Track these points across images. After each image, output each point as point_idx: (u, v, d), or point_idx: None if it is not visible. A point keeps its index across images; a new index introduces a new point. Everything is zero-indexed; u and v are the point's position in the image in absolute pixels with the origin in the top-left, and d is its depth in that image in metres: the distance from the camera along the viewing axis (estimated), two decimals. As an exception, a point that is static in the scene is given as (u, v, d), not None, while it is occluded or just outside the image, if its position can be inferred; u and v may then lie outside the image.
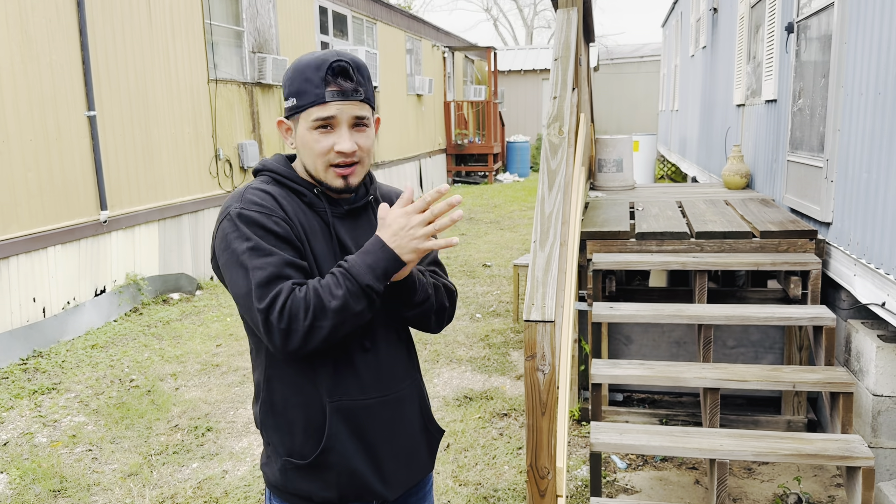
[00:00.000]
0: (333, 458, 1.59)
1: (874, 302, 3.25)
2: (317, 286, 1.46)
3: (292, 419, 1.60)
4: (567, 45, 3.39)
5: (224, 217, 1.53)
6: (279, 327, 1.42)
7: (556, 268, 2.29)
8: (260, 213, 1.50)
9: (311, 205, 1.60)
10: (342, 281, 1.46)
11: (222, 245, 1.52)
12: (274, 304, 1.43)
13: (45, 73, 5.64)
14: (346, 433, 1.59)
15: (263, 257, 1.46)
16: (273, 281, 1.45)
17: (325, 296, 1.44)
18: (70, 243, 5.89)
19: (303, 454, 1.60)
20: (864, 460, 2.82)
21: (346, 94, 1.52)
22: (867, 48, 3.45)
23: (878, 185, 3.27)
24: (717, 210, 4.88)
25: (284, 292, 1.44)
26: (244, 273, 1.46)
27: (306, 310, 1.43)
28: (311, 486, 1.61)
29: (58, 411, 4.44)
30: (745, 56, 6.62)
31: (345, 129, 1.53)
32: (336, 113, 1.52)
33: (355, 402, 1.59)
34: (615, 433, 3.13)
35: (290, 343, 1.43)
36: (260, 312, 1.43)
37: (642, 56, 24.11)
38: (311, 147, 1.55)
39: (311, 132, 1.54)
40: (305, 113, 1.53)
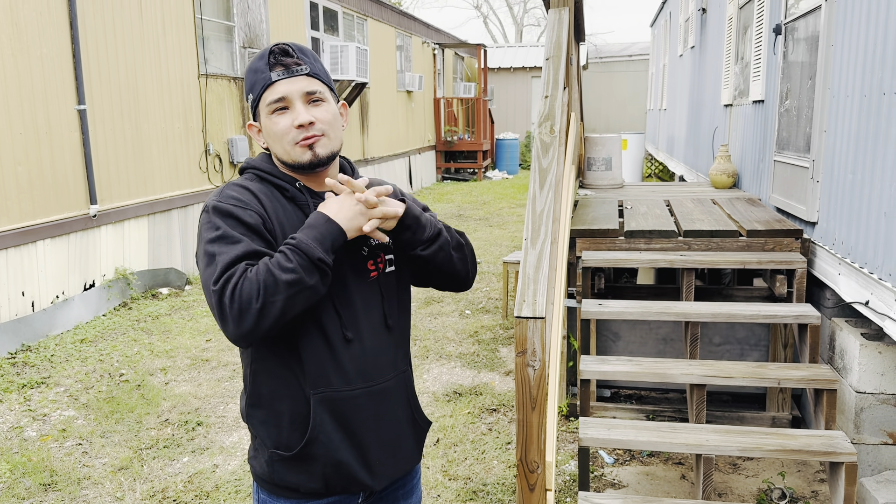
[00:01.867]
0: (318, 449, 1.60)
1: (858, 300, 3.31)
2: (267, 262, 1.46)
3: (279, 411, 1.62)
4: (559, 44, 3.42)
5: (203, 211, 1.57)
6: (232, 307, 1.42)
7: (547, 265, 2.33)
8: (233, 205, 1.53)
9: (293, 199, 1.62)
10: (292, 256, 1.47)
11: (197, 238, 1.57)
12: (226, 285, 1.44)
13: (35, 66, 5.62)
14: (330, 424, 1.61)
15: (229, 245, 1.49)
16: (233, 265, 1.46)
17: (276, 271, 1.44)
18: (59, 237, 5.88)
19: (289, 446, 1.61)
20: (847, 456, 2.88)
21: (289, 69, 1.57)
22: (854, 51, 3.50)
23: (862, 185, 3.33)
24: (705, 209, 4.94)
25: (237, 274, 1.45)
26: (207, 261, 1.49)
27: (257, 286, 1.43)
28: (298, 477, 1.62)
29: (47, 405, 4.44)
30: (733, 56, 6.69)
31: (299, 105, 1.57)
32: (285, 93, 1.56)
33: (339, 393, 1.61)
34: (603, 428, 3.18)
35: (245, 322, 1.43)
36: (214, 294, 1.44)
37: (631, 55, 24.21)
38: (274, 131, 1.58)
39: (270, 117, 1.58)
40: (262, 101, 1.59)
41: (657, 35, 16.09)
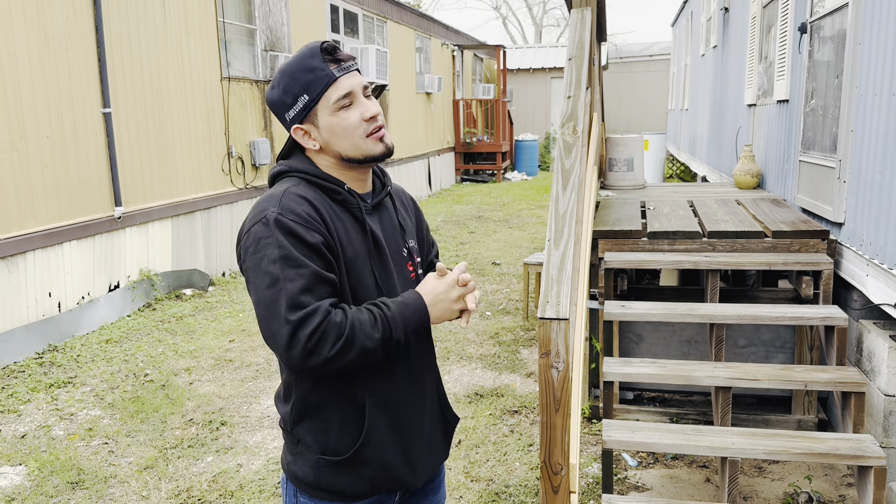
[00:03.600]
0: (370, 451, 1.61)
1: (887, 302, 3.26)
2: (354, 320, 1.48)
3: (327, 417, 1.61)
4: (581, 44, 3.41)
5: (259, 220, 1.51)
6: (306, 345, 1.43)
7: (570, 266, 2.32)
8: (296, 222, 1.49)
9: (345, 202, 1.61)
10: (380, 326, 1.50)
11: (252, 248, 1.50)
12: (307, 321, 1.44)
13: (61, 70, 5.70)
14: (384, 426, 1.62)
15: (295, 268, 1.46)
16: (304, 293, 1.45)
17: (360, 334, 1.47)
18: (85, 239, 5.95)
19: (337, 451, 1.61)
20: (876, 460, 2.84)
21: (347, 66, 1.58)
22: (882, 49, 3.45)
23: (891, 185, 3.28)
24: (729, 210, 4.89)
25: (320, 314, 1.45)
26: (271, 281, 1.46)
27: (338, 337, 1.45)
28: (345, 481, 1.62)
29: (74, 405, 4.49)
30: (756, 56, 6.62)
31: (362, 99, 1.59)
32: (351, 87, 1.57)
33: (391, 395, 1.63)
34: (627, 431, 3.16)
35: (309, 361, 1.45)
36: (288, 324, 1.43)
37: (651, 55, 24.05)
38: (344, 126, 1.57)
39: (336, 114, 1.57)
40: (323, 100, 1.56)
41: (678, 34, 15.97)
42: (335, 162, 1.63)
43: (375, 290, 1.61)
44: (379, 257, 1.63)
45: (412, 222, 1.81)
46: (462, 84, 18.87)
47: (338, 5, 11.27)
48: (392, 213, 1.72)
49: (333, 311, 1.48)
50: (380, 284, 1.61)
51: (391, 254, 1.66)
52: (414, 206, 1.86)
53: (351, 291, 1.57)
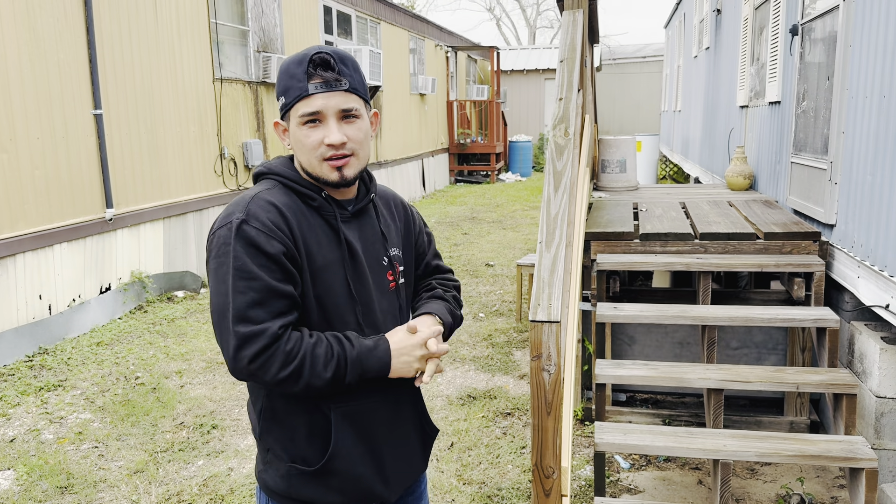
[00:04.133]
0: (340, 464, 1.58)
1: (878, 304, 3.27)
2: (306, 353, 1.47)
3: (295, 425, 1.59)
4: (573, 46, 3.41)
5: (225, 224, 1.50)
6: (249, 366, 1.44)
7: (561, 268, 2.31)
8: (258, 229, 1.47)
9: (320, 209, 1.58)
10: (333, 365, 1.49)
11: (215, 251, 1.50)
12: (252, 341, 1.43)
13: (52, 71, 5.67)
14: (352, 438, 1.59)
15: (247, 280, 1.45)
16: (254, 307, 1.44)
17: (308, 370, 1.47)
18: (76, 241, 5.92)
19: (307, 460, 1.59)
20: (868, 462, 2.84)
21: (329, 84, 1.51)
22: (872, 51, 3.46)
23: (882, 187, 3.29)
24: (721, 211, 4.90)
25: (266, 337, 1.44)
26: (224, 290, 1.46)
27: (284, 365, 1.45)
28: (316, 491, 1.60)
29: (64, 408, 4.46)
30: (748, 57, 6.63)
31: (332, 122, 1.52)
32: (321, 107, 1.51)
33: (360, 405, 1.59)
34: (619, 433, 3.15)
35: (252, 379, 1.48)
36: (235, 337, 1.44)
37: (645, 56, 24.10)
38: (303, 143, 1.54)
39: (301, 128, 1.53)
40: (294, 110, 1.53)
41: (671, 36, 16.01)
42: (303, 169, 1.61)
43: (348, 299, 1.58)
44: (353, 266, 1.59)
45: (398, 230, 1.75)
46: (456, 85, 18.87)
47: (331, 6, 11.25)
48: (374, 221, 1.68)
49: (286, 336, 1.46)
50: (353, 294, 1.58)
51: (369, 262, 1.62)
52: (405, 214, 1.80)
53: (318, 300, 1.55)
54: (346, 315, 1.57)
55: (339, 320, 1.57)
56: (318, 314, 1.55)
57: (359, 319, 1.59)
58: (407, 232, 1.79)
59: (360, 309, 1.59)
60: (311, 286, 1.54)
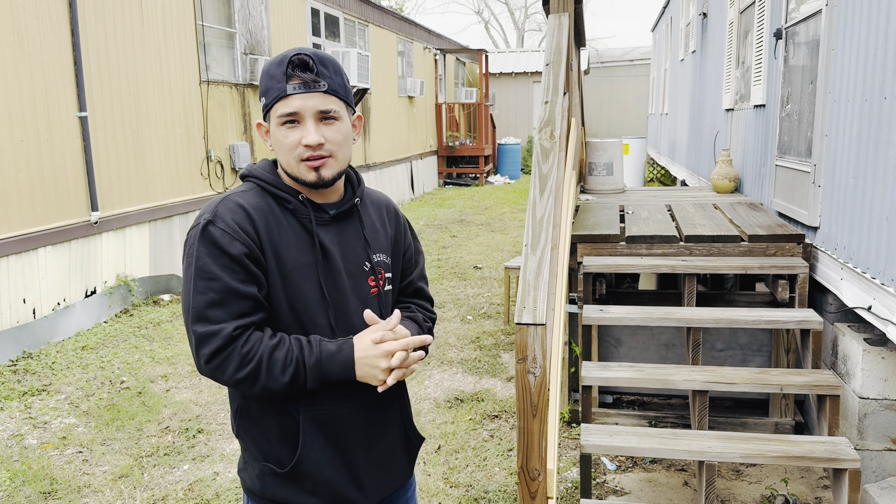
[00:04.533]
0: (309, 467, 1.58)
1: (861, 305, 3.29)
2: (263, 357, 1.48)
3: (268, 426, 1.59)
4: (558, 50, 3.42)
5: (196, 224, 1.54)
6: (207, 364, 1.48)
7: (547, 271, 2.32)
8: (223, 230, 1.49)
9: (295, 211, 1.58)
10: (291, 371, 1.49)
11: (186, 251, 1.55)
12: (208, 341, 1.47)
13: (36, 73, 5.63)
14: (320, 442, 1.58)
15: (207, 280, 1.48)
16: (212, 307, 1.47)
17: (264, 373, 1.48)
18: (61, 244, 5.88)
19: (280, 461, 1.59)
20: (851, 462, 2.86)
21: (307, 85, 1.52)
22: (855, 55, 3.49)
23: (864, 190, 3.32)
24: (706, 214, 4.92)
25: (221, 338, 1.46)
26: (187, 289, 1.51)
27: (240, 367, 1.47)
28: (289, 492, 1.60)
29: (48, 413, 4.43)
30: (734, 61, 6.68)
31: (310, 123, 1.53)
32: (298, 108, 1.52)
33: (330, 410, 1.58)
34: (605, 435, 3.16)
35: (213, 377, 1.51)
36: (194, 335, 1.48)
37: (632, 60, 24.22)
38: (281, 143, 1.55)
39: (280, 129, 1.54)
40: (273, 110, 1.54)
41: (658, 40, 16.10)
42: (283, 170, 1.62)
43: (321, 303, 1.57)
44: (327, 270, 1.59)
45: (387, 236, 1.74)
46: (445, 88, 18.89)
47: (319, 9, 11.23)
48: (358, 225, 1.67)
49: (243, 338, 1.48)
50: (326, 298, 1.58)
51: (347, 267, 1.62)
52: (396, 220, 1.78)
53: (290, 302, 1.55)
54: (317, 318, 1.57)
55: (311, 322, 1.57)
56: (289, 316, 1.56)
57: (331, 323, 1.58)
58: (397, 240, 1.77)
59: (333, 312, 1.58)
60: (282, 288, 1.55)
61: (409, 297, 1.82)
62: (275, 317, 1.56)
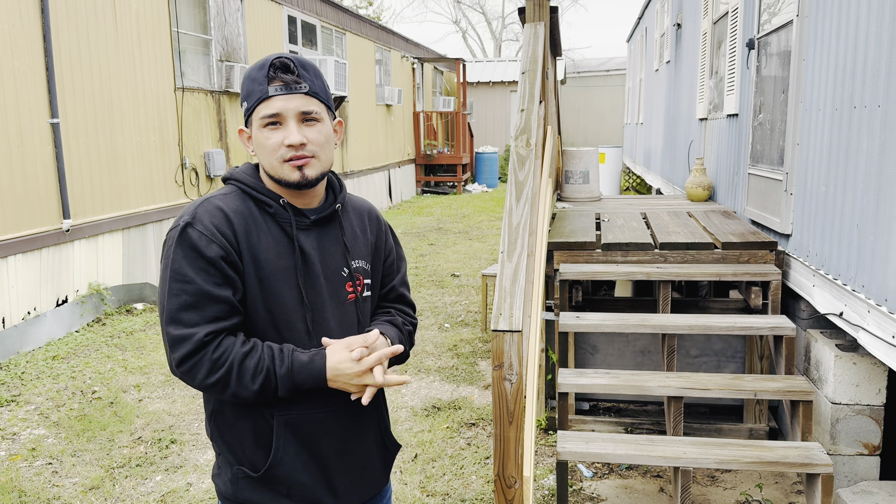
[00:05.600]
0: (283, 471, 1.58)
1: (832, 312, 3.34)
2: (234, 363, 1.48)
3: (242, 430, 1.59)
4: (534, 58, 3.44)
5: (175, 226, 1.54)
6: (179, 367, 1.49)
7: (523, 278, 2.32)
8: (201, 233, 1.50)
9: (275, 215, 1.58)
10: (261, 379, 1.50)
11: (164, 252, 1.56)
12: (179, 345, 1.47)
13: (6, 79, 5.55)
14: (294, 447, 1.58)
15: (181, 283, 1.49)
16: (185, 310, 1.48)
17: (234, 380, 1.49)
18: (31, 252, 5.78)
19: (254, 465, 1.59)
20: (824, 467, 2.89)
21: (288, 86, 1.54)
22: (825, 65, 3.55)
23: (835, 198, 3.37)
24: (681, 222, 4.97)
25: (191, 343, 1.47)
26: (162, 291, 1.51)
27: (210, 372, 1.48)
28: (263, 497, 1.60)
29: (17, 424, 4.34)
30: (707, 71, 6.76)
31: (292, 124, 1.54)
32: (281, 109, 1.53)
33: (304, 415, 1.58)
34: (581, 442, 3.17)
35: (182, 379, 1.54)
36: (167, 336, 1.49)
37: (608, 70, 24.46)
38: (264, 145, 1.56)
39: (262, 130, 1.55)
40: (255, 113, 1.56)
41: (634, 50, 16.27)
42: (266, 175, 1.62)
43: (299, 306, 1.58)
44: (306, 274, 1.59)
45: (367, 242, 1.74)
46: (422, 96, 18.92)
47: (296, 16, 11.21)
48: (338, 231, 1.67)
49: (214, 343, 1.48)
50: (305, 301, 1.58)
51: (325, 272, 1.62)
52: (378, 227, 1.79)
53: (266, 305, 1.56)
54: (295, 322, 1.57)
55: (288, 327, 1.57)
56: (265, 319, 1.56)
57: (308, 327, 1.58)
58: (377, 246, 1.77)
59: (311, 316, 1.58)
60: (259, 291, 1.55)
61: (391, 302, 1.82)
62: (250, 321, 1.56)
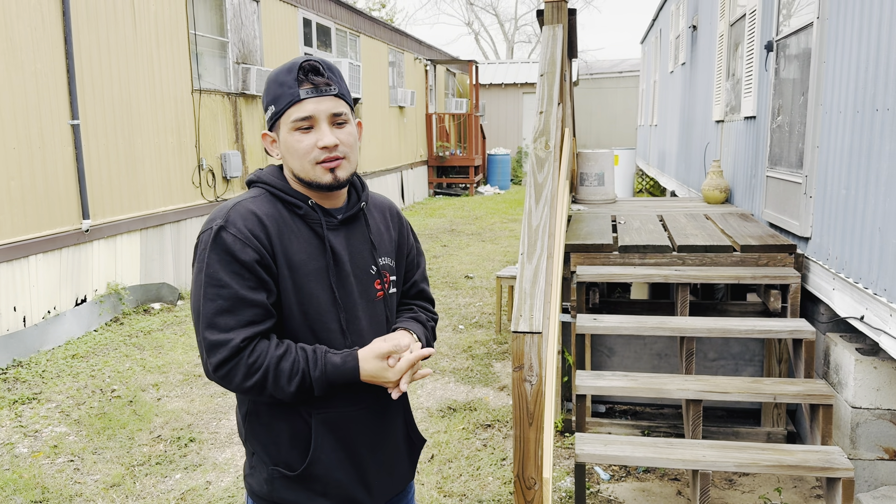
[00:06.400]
0: (320, 469, 1.60)
1: (853, 315, 3.32)
2: (270, 367, 1.50)
3: (278, 430, 1.61)
4: (553, 60, 3.44)
5: (207, 229, 1.54)
6: (216, 371, 1.50)
7: (543, 280, 2.33)
8: (235, 237, 1.51)
9: (305, 217, 1.60)
10: (297, 381, 1.51)
11: (196, 255, 1.56)
12: (216, 350, 1.48)
13: (29, 81, 5.61)
14: (331, 444, 1.60)
15: (216, 288, 1.49)
16: (221, 315, 1.49)
17: (271, 383, 1.50)
18: (52, 252, 5.84)
19: (289, 465, 1.60)
20: (844, 471, 2.88)
21: (319, 89, 1.55)
22: (846, 67, 3.54)
23: (856, 201, 3.35)
24: (698, 224, 4.96)
25: (228, 349, 1.48)
26: (198, 295, 1.52)
27: (246, 376, 1.49)
28: (298, 496, 1.61)
29: (39, 421, 4.39)
30: (724, 73, 6.74)
31: (325, 126, 1.55)
32: (313, 112, 1.54)
33: (341, 413, 1.60)
34: (600, 444, 3.17)
35: (221, 384, 1.53)
36: (204, 341, 1.50)
37: (621, 71, 24.38)
38: (295, 148, 1.56)
39: (293, 134, 1.56)
40: (285, 116, 1.56)
41: (648, 52, 16.22)
42: (294, 177, 1.63)
43: (332, 305, 1.59)
44: (338, 274, 1.61)
45: (391, 239, 1.76)
46: (435, 98, 18.94)
47: (311, 19, 11.26)
48: (364, 229, 1.69)
49: (249, 349, 1.50)
50: (338, 300, 1.60)
51: (355, 271, 1.64)
52: (399, 223, 1.81)
53: (301, 307, 1.57)
54: (329, 322, 1.59)
55: (323, 327, 1.59)
56: (300, 320, 1.57)
57: (343, 327, 1.60)
58: (400, 242, 1.80)
59: (344, 316, 1.60)
60: (293, 294, 1.56)
61: (412, 298, 1.85)
62: (286, 323, 1.58)
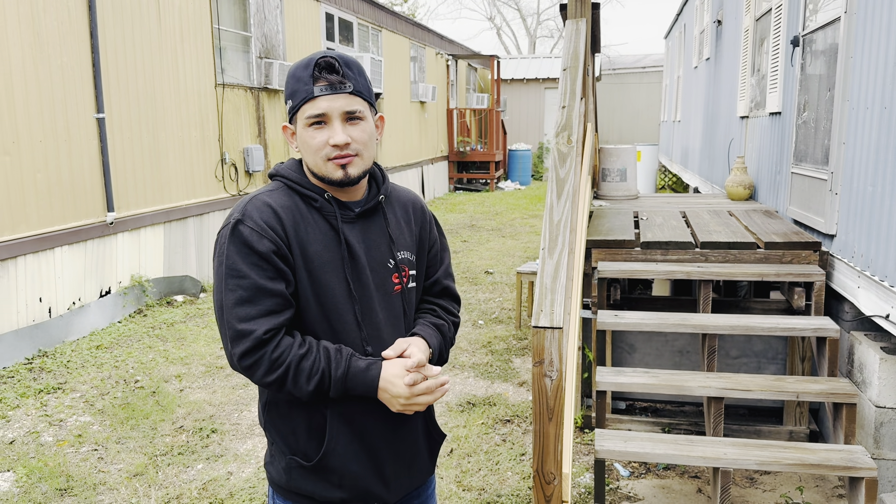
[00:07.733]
0: (335, 461, 1.61)
1: (878, 314, 3.28)
2: (291, 364, 1.52)
3: (296, 420, 1.62)
4: (576, 55, 3.42)
5: (226, 224, 1.58)
6: (240, 362, 1.52)
7: (564, 275, 2.32)
8: (252, 229, 1.53)
9: (321, 209, 1.62)
10: (316, 381, 1.53)
11: (217, 249, 1.59)
12: (239, 341, 1.51)
13: (55, 75, 5.69)
14: (347, 436, 1.61)
15: (236, 278, 1.52)
16: (243, 305, 1.51)
17: (291, 381, 1.52)
18: (77, 244, 5.92)
19: (306, 455, 1.62)
20: (868, 471, 2.85)
21: (333, 87, 1.56)
22: (873, 63, 3.49)
23: (883, 198, 3.31)
24: (721, 221, 4.91)
25: (251, 340, 1.50)
26: (220, 287, 1.55)
27: (268, 371, 1.51)
28: (315, 486, 1.63)
29: (63, 411, 4.46)
30: (749, 68, 6.67)
31: (337, 124, 1.57)
32: (326, 109, 1.55)
33: (357, 405, 1.61)
34: (620, 441, 3.16)
35: (244, 374, 1.55)
36: (229, 329, 1.52)
37: (644, 67, 24.19)
38: (308, 144, 1.58)
39: (307, 130, 1.58)
40: (300, 112, 1.58)
41: (671, 47, 16.08)
42: (310, 171, 1.65)
43: (348, 298, 1.61)
44: (353, 267, 1.62)
45: (412, 233, 1.76)
46: (456, 93, 18.92)
47: (333, 13, 11.29)
48: (382, 222, 1.70)
49: (274, 342, 1.52)
50: (353, 293, 1.61)
51: (371, 264, 1.65)
52: (422, 217, 1.81)
53: (317, 298, 1.59)
54: (344, 314, 1.60)
55: (338, 319, 1.60)
56: (316, 311, 1.59)
57: (357, 318, 1.61)
58: (422, 237, 1.79)
59: (359, 308, 1.61)
60: (309, 284, 1.58)
61: (437, 296, 1.84)
62: (303, 313, 1.59)
